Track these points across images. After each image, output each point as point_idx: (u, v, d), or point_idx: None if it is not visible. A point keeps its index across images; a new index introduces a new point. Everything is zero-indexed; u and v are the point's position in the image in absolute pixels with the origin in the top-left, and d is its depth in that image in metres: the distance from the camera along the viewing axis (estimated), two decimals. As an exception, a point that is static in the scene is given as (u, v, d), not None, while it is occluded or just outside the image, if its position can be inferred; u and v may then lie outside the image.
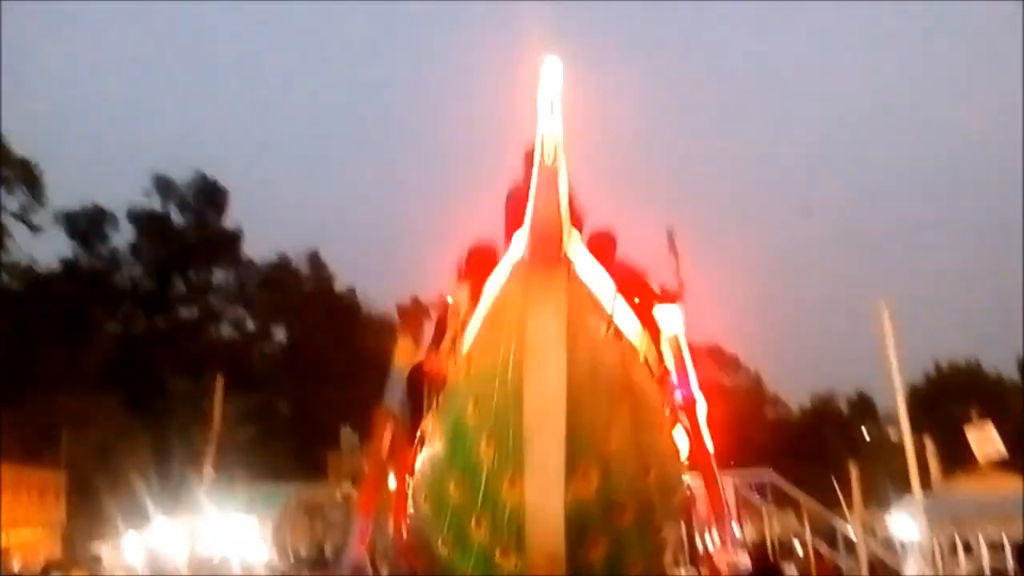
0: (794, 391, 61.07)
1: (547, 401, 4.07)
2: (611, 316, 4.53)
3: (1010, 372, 46.77)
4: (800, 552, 10.37)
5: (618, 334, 4.59)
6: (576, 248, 4.30)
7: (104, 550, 18.04)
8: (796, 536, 10.58)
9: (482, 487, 4.46)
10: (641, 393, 4.74)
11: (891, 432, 26.72)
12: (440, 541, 4.93)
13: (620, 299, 4.70)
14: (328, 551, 16.80)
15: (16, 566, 12.85)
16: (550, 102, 4.34)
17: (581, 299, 4.26)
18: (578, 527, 4.19)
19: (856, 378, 50.23)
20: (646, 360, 5.02)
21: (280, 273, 45.96)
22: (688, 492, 8.19)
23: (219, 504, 19.76)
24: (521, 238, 4.24)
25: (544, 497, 4.10)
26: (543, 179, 4.11)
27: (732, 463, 8.99)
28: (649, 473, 4.66)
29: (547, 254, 4.08)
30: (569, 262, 4.16)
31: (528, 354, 4.09)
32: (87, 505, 22.55)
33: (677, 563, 9.36)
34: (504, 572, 4.41)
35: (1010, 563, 8.18)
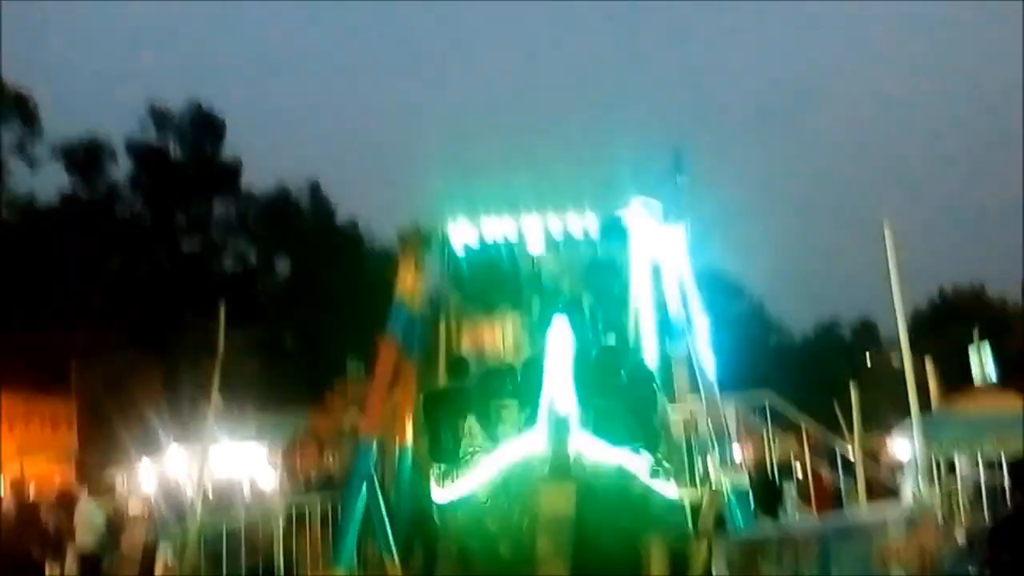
0: (797, 318, 61.41)
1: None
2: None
3: (1015, 296, 46.88)
4: (799, 473, 10.52)
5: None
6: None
7: (118, 477, 18.44)
8: (796, 458, 10.72)
9: None
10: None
11: (894, 358, 26.89)
12: None
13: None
14: (336, 477, 17.12)
15: (31, 494, 13.12)
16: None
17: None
18: None
19: (860, 306, 50.46)
20: None
21: (281, 205, 45.74)
22: (689, 414, 8.32)
23: (230, 432, 20.12)
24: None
25: None
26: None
27: (733, 387, 9.04)
28: None
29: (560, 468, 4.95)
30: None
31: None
32: (99, 434, 22.98)
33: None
34: None
35: (1006, 480, 8.29)
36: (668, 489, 6.13)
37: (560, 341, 5.09)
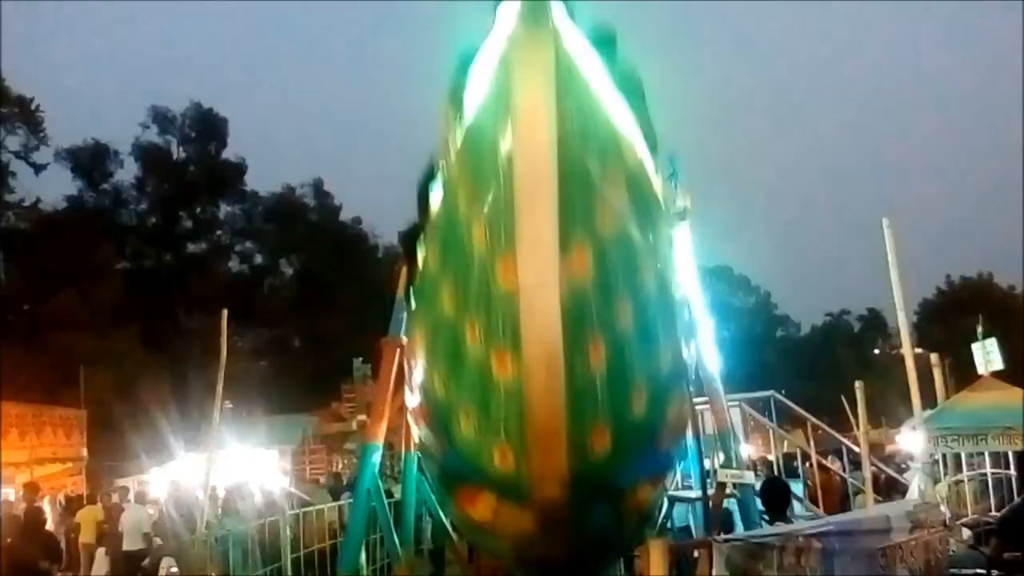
0: (805, 311, 61.29)
1: (538, 163, 3.84)
2: (603, 94, 4.25)
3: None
4: (805, 469, 10.53)
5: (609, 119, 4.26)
6: (564, 23, 4.02)
7: (128, 484, 18.52)
8: (802, 454, 10.72)
9: (475, 281, 4.17)
10: (639, 180, 4.42)
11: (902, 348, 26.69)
12: (435, 375, 4.66)
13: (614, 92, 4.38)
14: (345, 480, 17.19)
15: (42, 501, 13.19)
16: None
17: (570, 66, 3.98)
18: (576, 317, 3.95)
19: (868, 297, 50.33)
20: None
21: (286, 205, 45.81)
22: (693, 412, 8.30)
23: (239, 437, 20.17)
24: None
25: (539, 282, 3.86)
26: None
27: (736, 384, 9.03)
28: (648, 272, 4.42)
29: (535, 12, 3.86)
30: (557, 31, 3.92)
31: (516, 116, 3.84)
32: (109, 441, 23.07)
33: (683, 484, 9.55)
34: (502, 385, 4.11)
35: (1013, 472, 8.27)
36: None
37: None
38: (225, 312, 8.75)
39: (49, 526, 11.85)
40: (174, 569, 4.26)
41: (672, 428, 5.04)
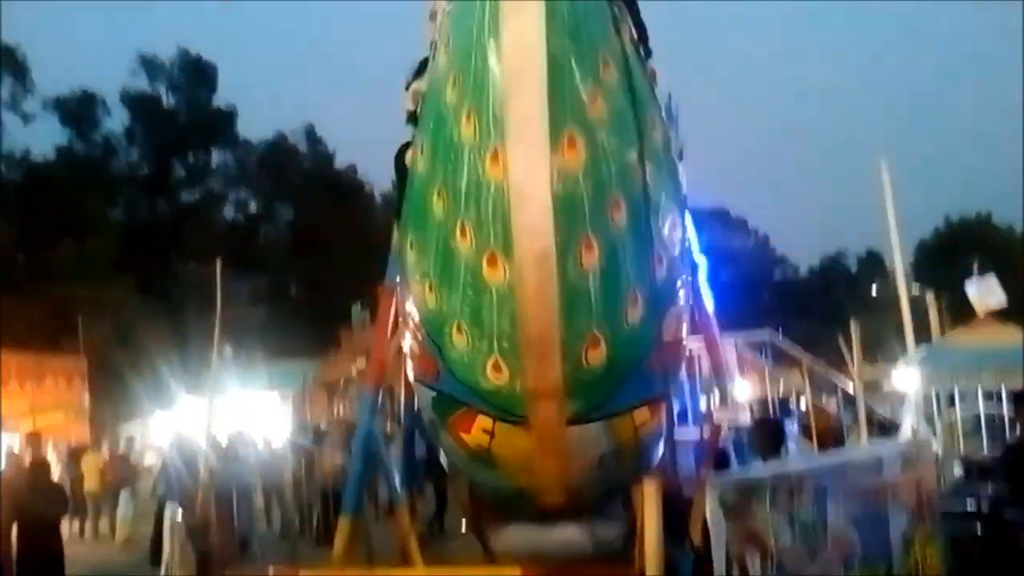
0: (803, 253, 61.29)
1: (526, 49, 3.68)
2: None
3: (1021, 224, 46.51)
4: (801, 408, 10.65)
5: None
6: None
7: (131, 430, 18.75)
8: (797, 393, 10.83)
9: (465, 178, 3.99)
10: (631, 74, 4.21)
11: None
12: (426, 286, 4.42)
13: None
14: (346, 425, 17.39)
15: (46, 450, 13.37)
16: None
17: None
18: (568, 212, 3.81)
19: (867, 238, 50.25)
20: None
21: (278, 151, 45.41)
22: (689, 352, 8.34)
23: (241, 382, 20.31)
24: None
25: (529, 171, 3.73)
26: None
27: (733, 325, 9.07)
28: (642, 169, 4.16)
29: None
30: None
31: (505, 2, 3.68)
32: (110, 388, 23.26)
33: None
34: (494, 289, 3.98)
35: (1006, 410, 8.35)
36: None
37: None
38: (219, 261, 8.74)
39: (54, 474, 12.02)
40: (179, 515, 4.32)
41: (670, 346, 4.82)
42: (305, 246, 41.01)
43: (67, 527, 12.16)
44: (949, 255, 37.90)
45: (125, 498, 13.41)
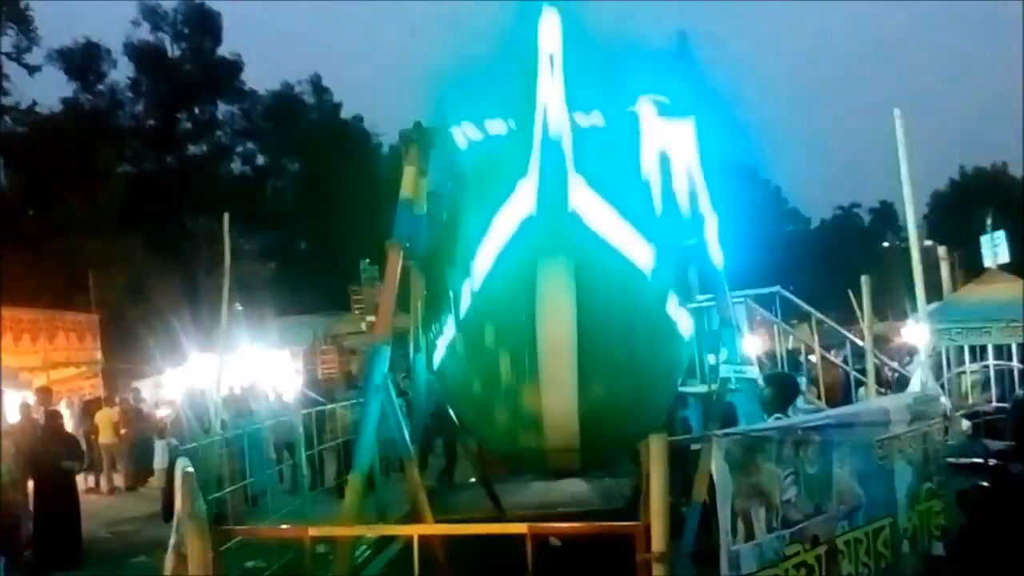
0: (816, 205, 60.75)
1: (559, 350, 4.80)
2: (619, 251, 5.18)
3: (1037, 175, 45.86)
4: (810, 362, 10.64)
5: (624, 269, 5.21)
6: (581, 194, 4.89)
7: (143, 385, 18.94)
8: (807, 348, 10.81)
9: (502, 389, 5.30)
10: (644, 315, 5.41)
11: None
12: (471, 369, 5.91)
13: (625, 225, 5.32)
14: (356, 379, 17.53)
15: (57, 404, 13.53)
16: (549, 57, 4.49)
17: (588, 250, 4.84)
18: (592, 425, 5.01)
19: (881, 190, 49.74)
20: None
21: (285, 103, 44.94)
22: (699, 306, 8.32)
23: (250, 338, 20.42)
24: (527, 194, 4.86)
25: (558, 406, 4.91)
26: (548, 154, 4.68)
27: (743, 279, 9.01)
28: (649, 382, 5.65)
29: (555, 241, 4.80)
30: (577, 217, 4.78)
31: (540, 310, 4.78)
32: (123, 343, 23.47)
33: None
34: (526, 446, 5.32)
35: (1016, 364, 8.33)
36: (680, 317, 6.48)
37: None
38: (227, 216, 8.69)
39: (68, 428, 12.18)
40: (190, 468, 4.38)
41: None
42: (313, 199, 40.84)
43: (82, 480, 12.38)
44: (964, 207, 37.47)
45: (162, 446, 13.46)
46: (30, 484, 9.58)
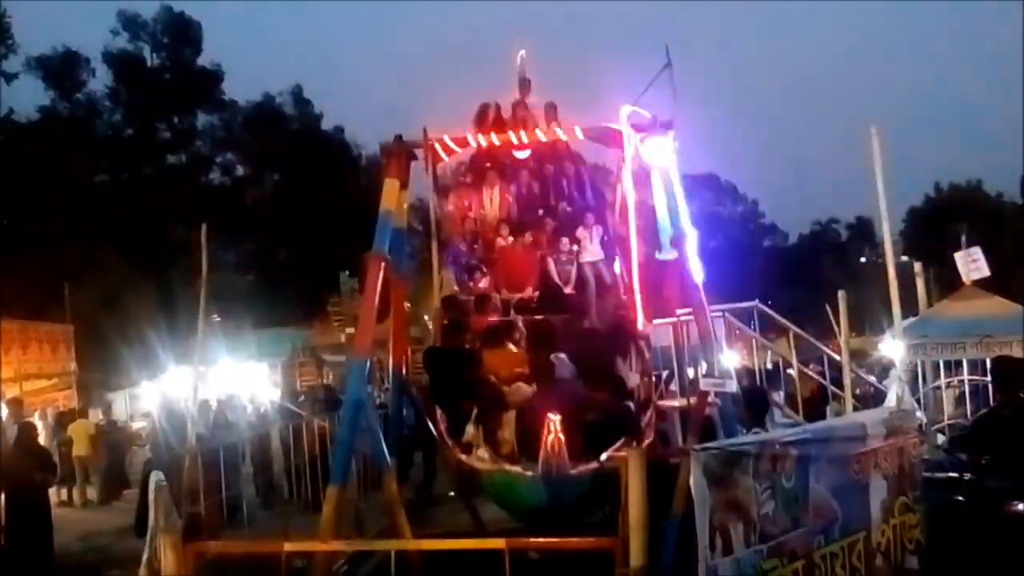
0: (793, 220, 61.29)
1: None
2: None
3: (1013, 192, 46.61)
4: (788, 377, 10.70)
5: None
6: None
7: (118, 398, 18.70)
8: (785, 363, 10.88)
9: None
10: None
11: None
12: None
13: None
14: (335, 392, 17.42)
15: (31, 416, 13.31)
16: None
17: None
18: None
19: (858, 206, 50.23)
20: None
21: (265, 113, 44.67)
22: (678, 325, 8.36)
23: (228, 350, 20.23)
24: None
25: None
26: None
27: (722, 293, 9.07)
28: None
29: None
30: None
31: None
32: (98, 355, 23.14)
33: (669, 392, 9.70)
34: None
35: (989, 379, 8.41)
36: None
37: None
38: (204, 227, 8.63)
39: (41, 440, 11.96)
40: (163, 482, 4.32)
41: None
42: (292, 210, 40.60)
43: (55, 493, 12.17)
44: (939, 223, 37.93)
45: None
46: (1, 497, 9.39)
